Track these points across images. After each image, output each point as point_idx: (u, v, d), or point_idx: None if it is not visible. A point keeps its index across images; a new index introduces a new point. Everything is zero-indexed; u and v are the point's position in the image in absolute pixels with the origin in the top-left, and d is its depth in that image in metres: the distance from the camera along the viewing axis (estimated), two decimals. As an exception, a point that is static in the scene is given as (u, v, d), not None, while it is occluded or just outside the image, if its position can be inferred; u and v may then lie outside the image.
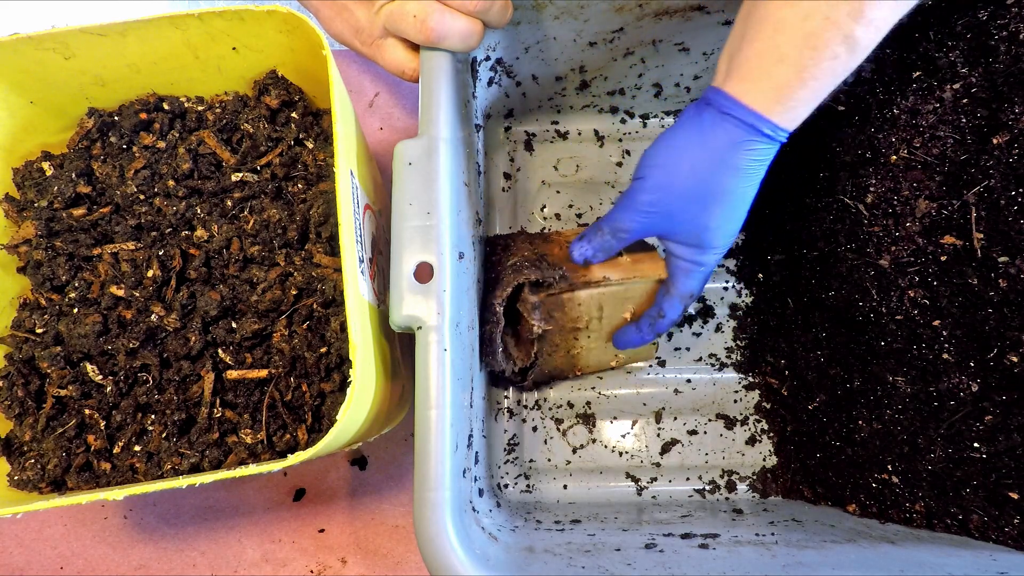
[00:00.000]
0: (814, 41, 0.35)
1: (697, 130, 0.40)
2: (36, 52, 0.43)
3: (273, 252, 0.46)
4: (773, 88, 0.37)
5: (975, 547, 0.41)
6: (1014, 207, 0.40)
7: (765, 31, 0.37)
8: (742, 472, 0.57)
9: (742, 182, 0.40)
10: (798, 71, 0.36)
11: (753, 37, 0.37)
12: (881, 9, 0.35)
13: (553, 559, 0.39)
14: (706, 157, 0.40)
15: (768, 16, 0.37)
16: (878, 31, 0.35)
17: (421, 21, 0.41)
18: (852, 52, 0.36)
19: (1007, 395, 0.41)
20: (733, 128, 0.38)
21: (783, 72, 0.37)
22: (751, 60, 0.38)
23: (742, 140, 0.38)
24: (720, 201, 0.41)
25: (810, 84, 0.36)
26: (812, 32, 0.35)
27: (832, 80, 0.37)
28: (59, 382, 0.43)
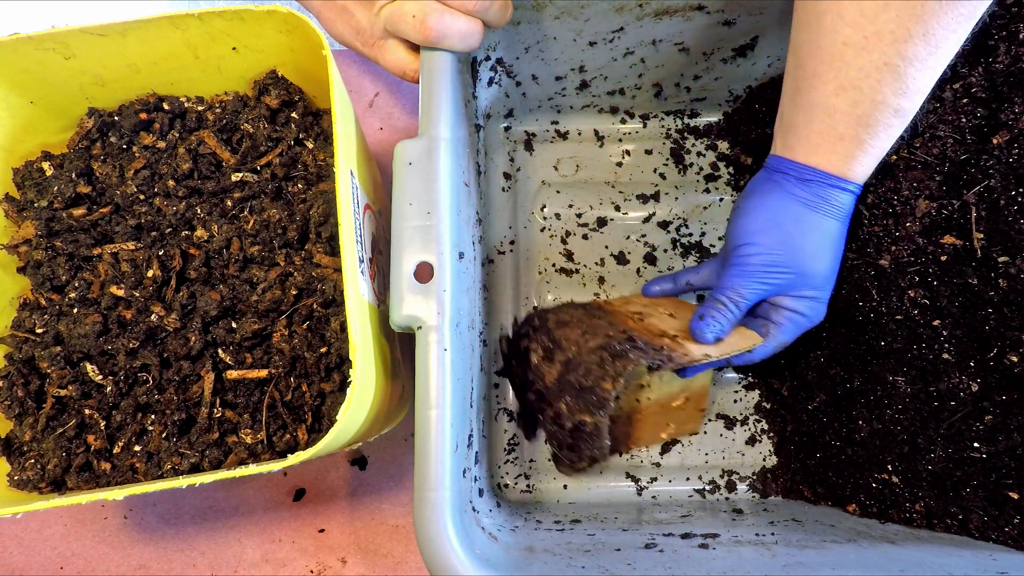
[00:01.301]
0: (867, 120, 0.39)
1: (787, 195, 0.44)
2: (36, 52, 0.43)
3: (273, 252, 0.46)
4: (841, 157, 0.41)
5: (975, 547, 0.41)
6: (1014, 207, 0.40)
7: (819, 116, 0.41)
8: (742, 472, 0.57)
9: (838, 231, 0.44)
10: (858, 143, 0.40)
11: (809, 120, 0.42)
12: (921, 80, 0.38)
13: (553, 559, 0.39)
14: (804, 213, 0.43)
15: (818, 103, 0.41)
16: (921, 94, 0.39)
17: (420, 21, 0.41)
18: (903, 117, 0.39)
19: (1007, 395, 0.41)
20: (819, 189, 0.43)
21: (845, 146, 0.41)
22: (812, 138, 0.42)
23: (830, 196, 0.43)
24: (825, 249, 0.44)
25: (871, 151, 0.41)
26: (863, 114, 0.39)
27: (890, 140, 0.41)
28: (59, 382, 0.43)
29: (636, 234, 0.62)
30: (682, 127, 0.65)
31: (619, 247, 0.62)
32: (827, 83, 0.40)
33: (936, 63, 0.38)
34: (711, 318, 0.47)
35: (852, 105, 0.39)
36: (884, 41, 0.37)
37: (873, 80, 0.38)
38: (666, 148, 0.64)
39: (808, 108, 0.41)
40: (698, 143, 0.64)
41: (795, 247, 0.44)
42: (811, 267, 0.45)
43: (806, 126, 0.42)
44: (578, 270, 0.62)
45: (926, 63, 0.37)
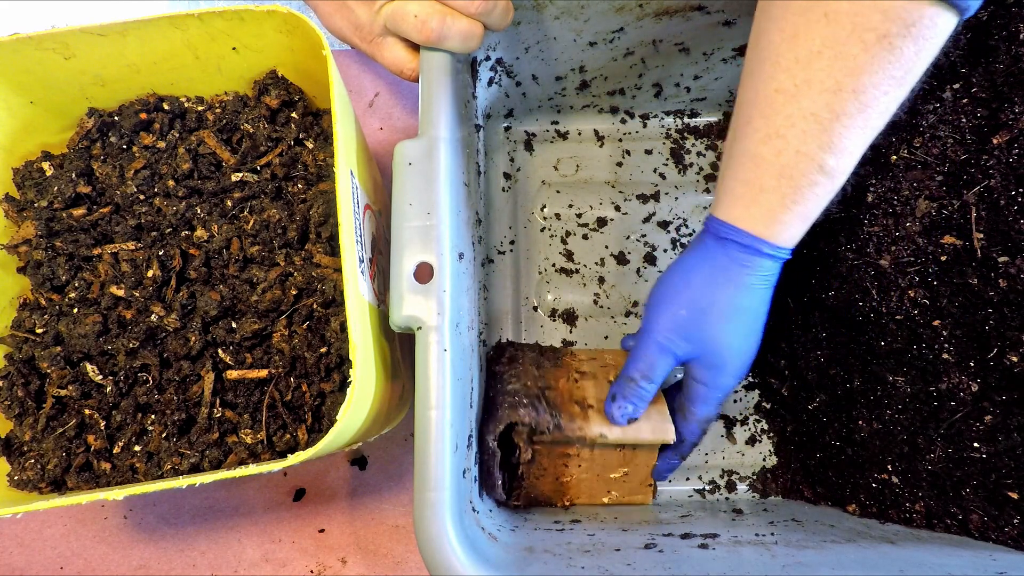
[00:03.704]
0: (790, 172, 0.37)
1: (703, 254, 0.42)
2: (36, 52, 0.43)
3: (273, 252, 0.46)
4: (761, 214, 0.39)
5: (975, 547, 0.41)
6: (1014, 207, 0.40)
7: (746, 166, 0.39)
8: (742, 472, 0.57)
9: (754, 299, 0.42)
10: (780, 198, 0.38)
11: (736, 170, 0.40)
12: (849, 139, 0.36)
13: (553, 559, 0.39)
14: (716, 278, 0.41)
15: (747, 151, 0.39)
16: (852, 156, 0.37)
17: (422, 22, 0.41)
18: (830, 177, 0.37)
19: (1007, 395, 0.41)
20: (734, 250, 0.41)
21: (766, 200, 0.39)
22: (737, 190, 0.40)
23: (744, 259, 0.41)
24: (735, 319, 0.42)
25: (794, 209, 0.38)
26: (786, 165, 0.37)
27: (817, 202, 0.38)
28: (59, 382, 0.43)
29: (636, 234, 0.62)
30: (682, 127, 0.65)
31: (619, 247, 0.62)
32: (757, 131, 0.38)
33: (865, 123, 0.36)
34: (623, 399, 0.45)
35: (776, 154, 0.37)
36: (814, 90, 0.35)
37: (799, 130, 0.36)
38: (666, 148, 0.64)
39: (738, 158, 0.39)
40: (698, 143, 0.64)
41: (700, 314, 0.42)
42: (717, 338, 0.42)
43: (733, 177, 0.40)
44: (578, 270, 0.62)
45: (854, 121, 0.35)
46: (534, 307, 0.61)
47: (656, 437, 0.47)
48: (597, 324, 0.61)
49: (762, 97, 0.37)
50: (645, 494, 0.52)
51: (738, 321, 0.42)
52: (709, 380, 0.44)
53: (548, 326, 0.61)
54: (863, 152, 0.37)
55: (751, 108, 0.38)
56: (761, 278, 0.41)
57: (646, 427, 0.47)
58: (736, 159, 0.40)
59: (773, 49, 0.37)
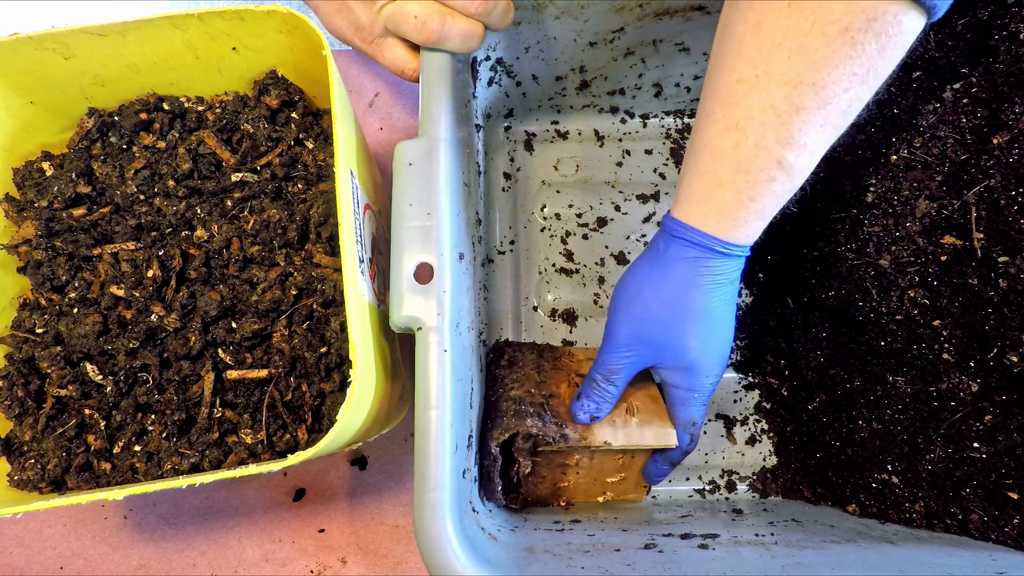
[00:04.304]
0: (747, 166, 0.36)
1: (656, 256, 0.41)
2: (36, 52, 0.43)
3: (273, 252, 0.46)
4: (714, 210, 0.38)
5: (975, 547, 0.41)
6: (1014, 207, 0.40)
7: (703, 158, 0.38)
8: (742, 472, 0.57)
9: (713, 300, 0.41)
10: (735, 194, 0.37)
11: (694, 164, 0.39)
12: (808, 135, 0.35)
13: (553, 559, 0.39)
14: (670, 280, 0.40)
15: (705, 144, 0.38)
16: (812, 154, 0.36)
17: (422, 22, 0.41)
18: (788, 174, 0.36)
19: (1007, 395, 0.41)
20: (685, 249, 0.39)
21: (721, 195, 0.38)
22: (692, 185, 0.39)
23: (697, 259, 0.39)
24: (694, 320, 0.41)
25: (750, 205, 0.37)
26: (743, 158, 0.36)
27: (774, 199, 0.37)
28: (59, 382, 0.43)
29: (636, 234, 0.62)
30: (682, 127, 0.65)
31: (619, 247, 0.62)
32: (716, 123, 0.37)
33: (825, 120, 0.35)
34: (586, 398, 0.45)
35: (734, 147, 0.36)
36: (773, 82, 0.34)
37: (758, 122, 0.35)
38: (666, 148, 0.64)
39: (696, 151, 0.38)
40: (698, 143, 0.64)
41: (659, 320, 0.41)
42: (675, 341, 0.41)
43: (691, 172, 0.39)
44: (578, 270, 0.62)
45: (813, 117, 0.34)
46: (534, 307, 0.61)
47: (659, 442, 0.47)
48: (597, 324, 0.61)
49: (723, 88, 0.37)
50: (639, 492, 0.53)
51: (701, 323, 0.41)
52: (682, 383, 0.44)
53: (548, 326, 0.61)
54: (823, 151, 0.36)
55: (712, 100, 0.37)
56: (719, 276, 0.40)
57: (649, 433, 0.47)
58: (695, 153, 0.39)
59: (737, 40, 0.36)
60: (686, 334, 0.41)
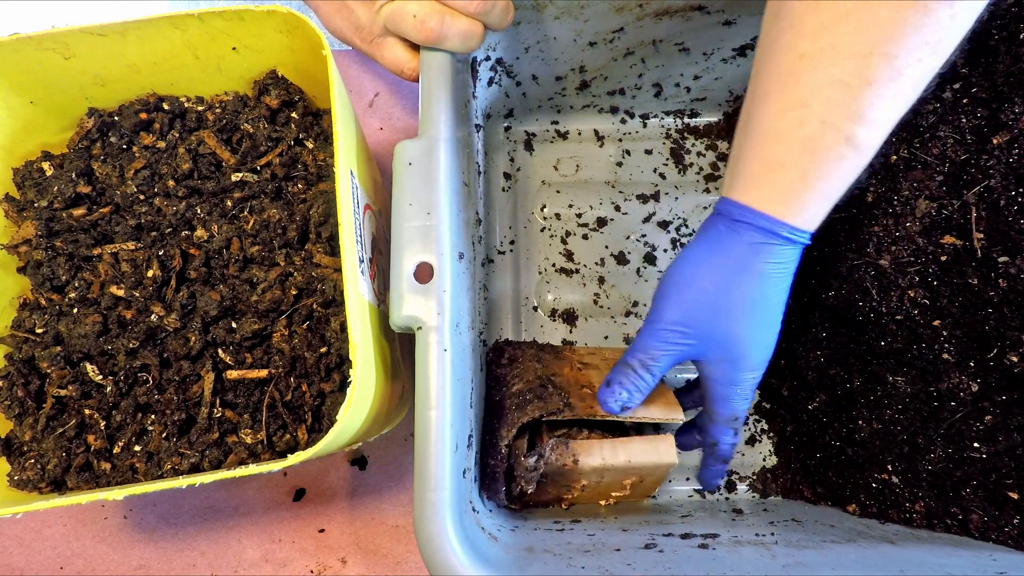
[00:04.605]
0: (813, 145, 0.34)
1: (714, 240, 0.39)
2: (36, 52, 0.43)
3: (273, 252, 0.46)
4: (780, 192, 0.36)
5: (975, 547, 0.41)
6: (1014, 207, 0.40)
7: (762, 142, 0.36)
8: (742, 472, 0.57)
9: (769, 288, 0.38)
10: (802, 175, 0.35)
11: (752, 147, 0.37)
12: (880, 109, 0.33)
13: (553, 559, 0.39)
14: (728, 266, 0.38)
15: (763, 126, 0.36)
16: (882, 129, 0.34)
17: (421, 22, 0.41)
18: (858, 151, 0.34)
19: (1007, 395, 0.41)
20: (749, 234, 0.37)
21: (786, 177, 0.36)
22: (752, 168, 0.37)
23: (760, 244, 0.37)
24: (750, 311, 0.38)
25: (817, 186, 0.35)
26: (809, 137, 0.34)
27: (842, 178, 0.35)
28: (59, 382, 0.43)
29: (636, 234, 0.62)
30: (682, 127, 0.65)
31: (619, 247, 0.62)
32: (775, 103, 0.35)
33: (897, 92, 0.33)
34: (618, 384, 0.42)
35: (798, 126, 0.34)
36: (841, 55, 0.33)
37: (824, 98, 0.33)
38: (666, 148, 0.64)
39: (753, 135, 0.37)
40: (698, 143, 0.64)
41: (709, 306, 0.38)
42: (726, 330, 0.39)
43: (748, 155, 0.37)
44: (578, 270, 0.62)
45: (886, 89, 0.33)
46: (534, 307, 0.61)
47: (668, 417, 0.45)
48: (597, 324, 0.61)
49: (783, 67, 0.35)
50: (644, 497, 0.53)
51: (755, 313, 0.38)
52: (727, 377, 0.41)
53: (548, 326, 0.61)
54: (892, 127, 0.34)
55: (768, 80, 0.35)
56: (779, 264, 0.37)
57: (656, 409, 0.45)
58: (751, 136, 0.36)
59: (795, 17, 0.34)
60: (739, 323, 0.39)
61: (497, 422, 0.46)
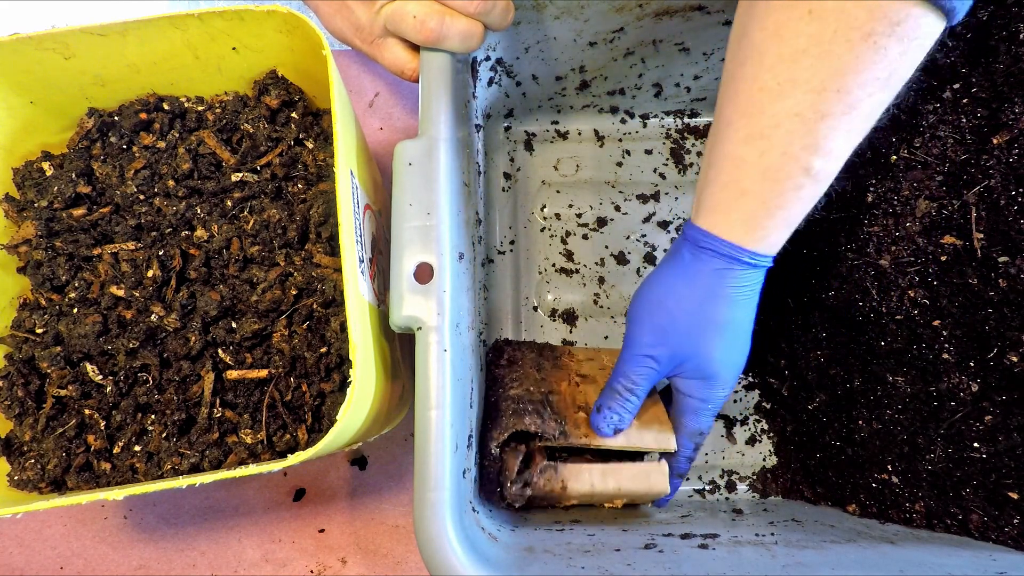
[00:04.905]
0: (773, 175, 0.36)
1: (680, 265, 0.41)
2: (36, 52, 0.43)
3: (273, 252, 0.46)
4: (741, 220, 0.38)
5: (975, 547, 0.41)
6: (1014, 207, 0.40)
7: (726, 168, 0.38)
8: (742, 472, 0.57)
9: (735, 311, 0.40)
10: (763, 202, 0.37)
11: (716, 174, 0.38)
12: (835, 140, 0.35)
13: (553, 559, 0.39)
14: (695, 292, 0.40)
15: (727, 153, 0.37)
16: (837, 160, 0.36)
17: (421, 22, 0.41)
18: (815, 181, 0.36)
19: (1007, 395, 0.41)
20: (712, 259, 0.39)
21: (747, 204, 0.37)
22: (716, 195, 0.38)
23: (723, 270, 0.39)
24: (718, 331, 0.41)
25: (777, 213, 0.37)
26: (770, 167, 0.36)
27: (800, 206, 0.37)
28: (59, 382, 0.43)
29: (636, 234, 0.62)
30: (682, 127, 0.65)
31: (619, 247, 0.62)
32: (738, 131, 0.37)
33: (850, 125, 0.35)
34: (608, 409, 0.45)
35: (759, 155, 0.36)
36: (799, 89, 0.34)
37: (784, 130, 0.35)
38: (666, 148, 0.64)
39: (717, 161, 0.38)
40: (698, 143, 0.64)
41: (683, 330, 0.41)
42: (698, 351, 0.41)
43: (712, 182, 0.38)
44: (578, 270, 0.62)
45: (840, 122, 0.34)
46: (534, 307, 0.61)
47: (659, 446, 0.47)
48: (597, 324, 0.61)
49: (744, 97, 0.36)
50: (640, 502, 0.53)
51: (723, 334, 0.41)
52: (697, 393, 0.44)
53: (548, 326, 0.61)
54: (847, 156, 0.36)
55: (732, 109, 0.37)
56: (744, 287, 0.40)
57: (649, 436, 0.47)
58: (716, 163, 0.38)
59: (756, 48, 0.36)
60: (710, 345, 0.41)
61: (490, 423, 0.46)
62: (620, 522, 0.48)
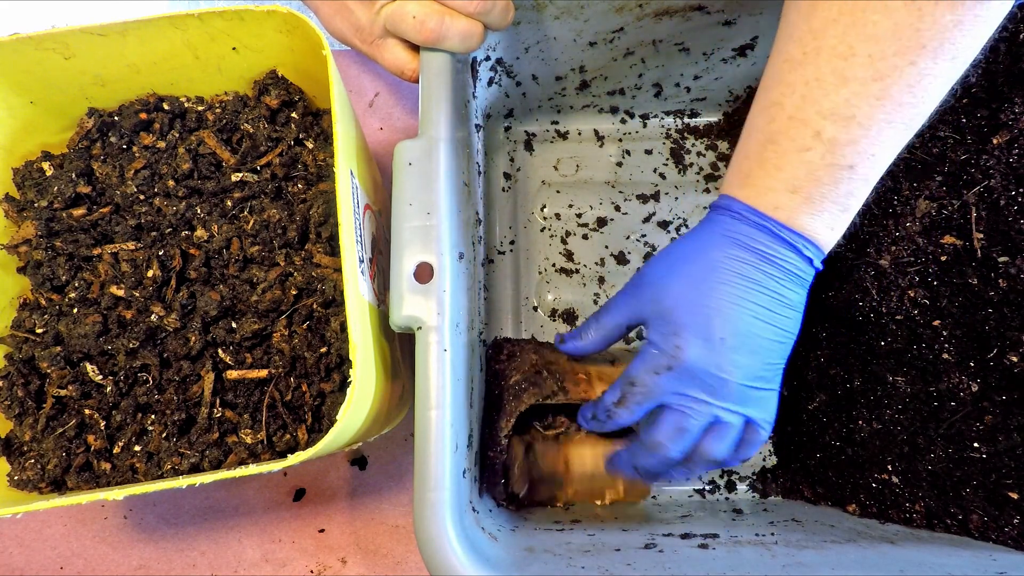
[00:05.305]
0: (777, 137, 0.36)
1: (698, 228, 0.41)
2: (36, 52, 0.43)
3: (273, 252, 0.46)
4: (738, 177, 0.38)
5: (975, 547, 0.41)
6: (1014, 207, 0.40)
7: (742, 136, 0.39)
8: (742, 472, 0.57)
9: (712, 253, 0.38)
10: (761, 163, 0.37)
11: (739, 143, 0.39)
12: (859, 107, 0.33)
13: (553, 559, 0.39)
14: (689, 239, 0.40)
15: (746, 125, 0.38)
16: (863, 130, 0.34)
17: (421, 22, 0.41)
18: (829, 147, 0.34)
19: (1007, 395, 0.41)
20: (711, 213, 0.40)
21: (748, 165, 0.38)
22: (733, 159, 0.39)
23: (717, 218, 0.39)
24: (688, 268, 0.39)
25: (777, 175, 0.36)
26: (776, 131, 0.36)
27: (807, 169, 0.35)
28: (59, 382, 0.43)
29: (636, 234, 0.62)
30: (682, 127, 0.65)
31: (619, 247, 0.62)
32: (757, 102, 0.37)
33: (883, 94, 0.32)
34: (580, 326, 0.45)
35: (768, 121, 0.36)
36: (822, 57, 0.33)
37: (798, 96, 0.34)
38: (666, 148, 0.64)
39: (743, 133, 0.39)
40: (698, 143, 0.64)
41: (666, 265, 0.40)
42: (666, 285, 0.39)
43: (735, 150, 0.39)
44: (578, 270, 0.62)
45: (867, 89, 0.32)
46: (534, 307, 0.61)
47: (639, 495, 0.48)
48: (597, 324, 0.61)
49: (770, 71, 0.36)
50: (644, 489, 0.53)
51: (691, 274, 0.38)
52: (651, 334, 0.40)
53: (548, 326, 0.61)
54: (889, 132, 0.34)
55: (760, 84, 0.37)
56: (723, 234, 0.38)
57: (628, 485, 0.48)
58: (742, 135, 0.38)
59: (790, 26, 0.35)
60: (671, 273, 0.39)
61: (496, 414, 0.46)
62: (620, 522, 0.48)
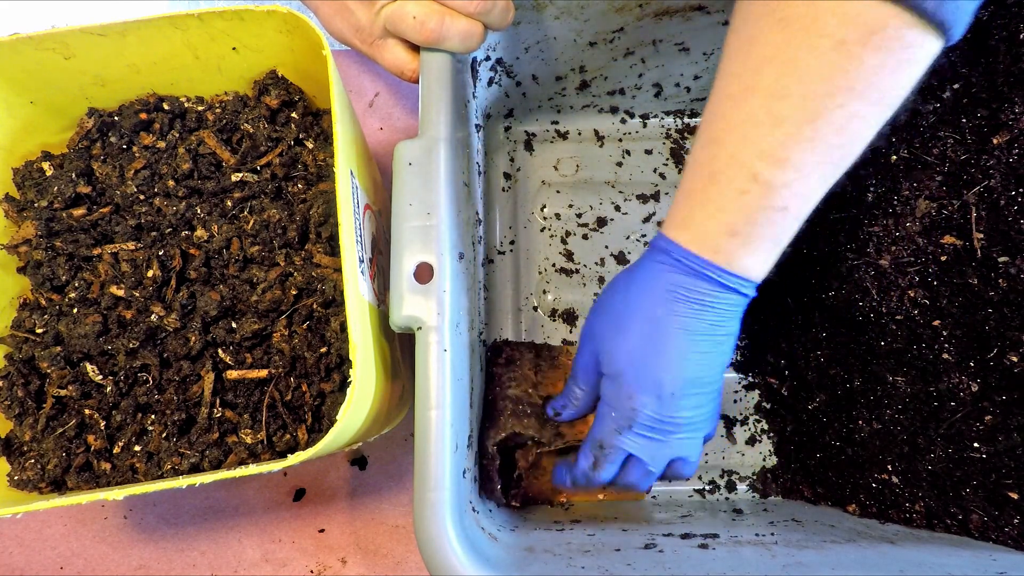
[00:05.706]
0: (718, 177, 0.36)
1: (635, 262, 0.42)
2: (36, 52, 0.43)
3: (273, 252, 0.46)
4: (680, 218, 0.38)
5: (975, 547, 0.41)
6: (1014, 207, 0.40)
7: (684, 172, 0.39)
8: (742, 472, 0.57)
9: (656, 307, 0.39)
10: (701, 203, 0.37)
11: (681, 180, 0.39)
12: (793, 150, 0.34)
13: (553, 559, 0.39)
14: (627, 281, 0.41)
15: (689, 159, 0.39)
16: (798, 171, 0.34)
17: (421, 22, 0.41)
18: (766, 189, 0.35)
19: (1007, 395, 0.41)
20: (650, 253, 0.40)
21: (687, 203, 0.38)
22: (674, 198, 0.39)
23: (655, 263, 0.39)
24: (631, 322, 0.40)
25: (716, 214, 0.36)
26: (716, 171, 0.36)
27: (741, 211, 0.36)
28: (59, 382, 0.43)
29: (636, 234, 0.62)
30: (682, 127, 0.65)
31: (619, 247, 0.62)
32: (699, 136, 0.37)
33: (815, 135, 0.33)
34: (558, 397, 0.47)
35: (710, 159, 0.36)
36: (759, 96, 0.34)
37: (737, 135, 0.35)
38: (666, 148, 0.64)
39: (687, 163, 0.39)
40: (698, 143, 0.64)
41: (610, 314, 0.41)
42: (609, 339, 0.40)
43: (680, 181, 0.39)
44: (578, 270, 0.62)
45: (800, 131, 0.33)
46: (534, 307, 0.61)
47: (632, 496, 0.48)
48: (597, 324, 0.61)
49: (712, 104, 0.37)
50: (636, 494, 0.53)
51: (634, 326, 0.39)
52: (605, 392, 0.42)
53: (548, 326, 0.61)
54: (819, 173, 0.34)
55: (703, 117, 0.38)
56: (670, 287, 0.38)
57: None
58: (684, 169, 0.39)
59: (730, 57, 0.36)
60: (619, 336, 0.40)
61: (488, 421, 0.46)
62: (620, 522, 0.48)
